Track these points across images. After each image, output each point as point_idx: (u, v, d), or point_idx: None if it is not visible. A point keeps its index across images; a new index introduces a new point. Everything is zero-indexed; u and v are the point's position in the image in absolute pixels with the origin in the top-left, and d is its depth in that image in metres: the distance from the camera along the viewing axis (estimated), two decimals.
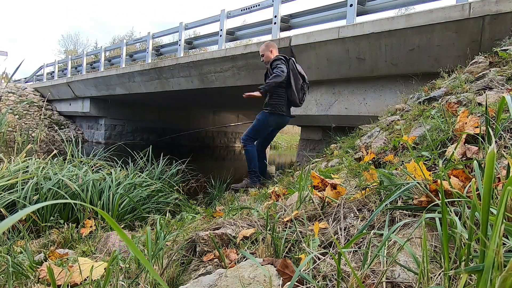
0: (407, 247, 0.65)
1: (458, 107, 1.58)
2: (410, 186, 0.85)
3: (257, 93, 3.35)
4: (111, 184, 2.53)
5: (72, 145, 3.49)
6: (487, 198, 0.46)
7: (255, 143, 3.61)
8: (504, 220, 0.46)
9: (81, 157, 3.39)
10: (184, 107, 15.24)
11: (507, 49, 2.38)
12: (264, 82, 3.51)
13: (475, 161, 0.71)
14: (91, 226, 2.04)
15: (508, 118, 1.16)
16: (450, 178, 0.85)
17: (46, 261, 1.40)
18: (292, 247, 0.97)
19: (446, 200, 0.61)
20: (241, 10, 7.72)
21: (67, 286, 1.07)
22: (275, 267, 0.79)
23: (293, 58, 3.72)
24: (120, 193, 2.41)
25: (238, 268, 0.81)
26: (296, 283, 0.71)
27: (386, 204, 0.90)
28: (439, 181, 0.83)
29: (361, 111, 5.22)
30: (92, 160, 3.32)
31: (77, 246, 1.77)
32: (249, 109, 13.71)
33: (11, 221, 0.26)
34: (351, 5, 5.36)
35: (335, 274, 0.74)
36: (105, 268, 1.11)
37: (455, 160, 1.06)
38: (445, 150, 1.22)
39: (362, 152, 2.02)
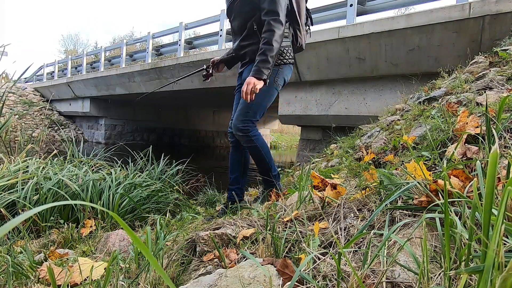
0: (407, 247, 0.65)
1: (458, 107, 1.58)
2: (410, 186, 0.85)
3: (259, 84, 1.83)
4: (111, 184, 2.52)
5: (73, 145, 3.49)
6: (490, 198, 0.45)
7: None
8: (504, 220, 0.46)
9: (81, 157, 3.39)
10: (184, 107, 15.25)
11: (507, 49, 2.38)
12: (237, 12, 2.04)
13: (478, 162, 0.71)
14: (91, 226, 2.04)
15: (509, 118, 1.16)
16: (450, 178, 0.85)
17: (46, 261, 1.40)
18: (292, 247, 0.97)
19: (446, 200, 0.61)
20: None
21: (67, 286, 1.07)
22: (275, 267, 0.79)
23: None
24: (120, 193, 2.41)
25: (238, 268, 0.81)
26: (296, 283, 0.71)
27: (386, 204, 0.90)
28: (439, 181, 0.83)
29: (361, 111, 5.22)
30: (92, 160, 3.32)
31: (77, 246, 1.77)
32: None
33: (13, 224, 0.26)
34: (351, 5, 5.36)
35: (335, 274, 0.74)
36: (105, 268, 1.11)
37: (455, 160, 1.06)
38: (445, 150, 1.22)
39: (362, 152, 2.02)
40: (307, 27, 2.24)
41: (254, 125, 1.99)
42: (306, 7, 2.18)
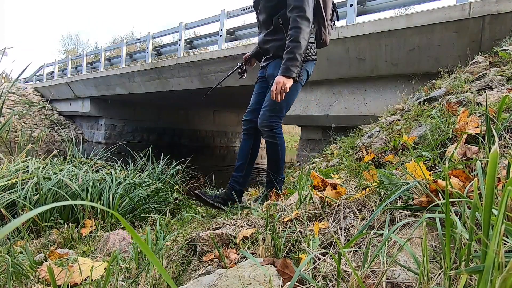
0: (407, 247, 0.65)
1: (458, 107, 1.58)
2: (410, 186, 0.85)
3: (289, 82, 1.81)
4: (111, 184, 2.52)
5: (73, 145, 3.49)
6: (490, 198, 0.45)
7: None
8: (504, 220, 0.46)
9: (81, 157, 3.39)
10: (184, 107, 15.26)
11: (507, 49, 2.38)
12: (263, 9, 2.00)
13: (478, 162, 0.71)
14: (91, 226, 2.04)
15: (509, 118, 1.16)
16: (450, 178, 0.85)
17: (46, 261, 1.40)
18: (292, 247, 0.97)
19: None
20: (241, 10, 7.72)
21: (67, 286, 1.07)
22: (275, 267, 0.79)
23: None
24: (120, 193, 2.41)
25: (238, 268, 0.81)
26: (296, 283, 0.71)
27: (386, 204, 0.90)
28: (439, 181, 0.83)
29: (361, 111, 5.22)
30: (92, 160, 3.32)
31: (77, 246, 1.77)
32: None
33: (14, 225, 0.26)
34: (351, 5, 5.36)
35: (335, 274, 0.74)
36: (105, 268, 1.11)
37: (455, 160, 1.06)
38: (445, 150, 1.22)
39: (362, 152, 2.02)
40: (332, 22, 2.18)
41: (280, 121, 2.00)
42: (333, 1, 2.13)
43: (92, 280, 1.09)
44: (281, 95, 1.82)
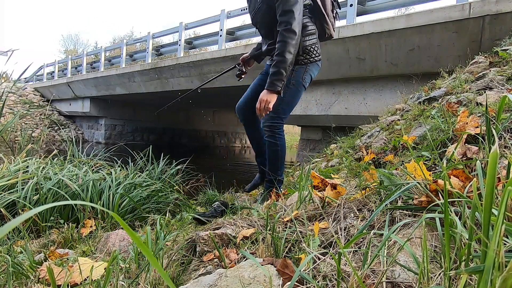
0: (407, 247, 0.65)
1: (458, 107, 1.58)
2: (410, 186, 0.85)
3: (272, 98, 1.87)
4: (111, 184, 2.52)
5: (73, 145, 3.49)
6: (490, 198, 0.45)
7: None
8: (504, 220, 0.46)
9: (81, 157, 3.39)
10: (184, 107, 15.26)
11: (507, 49, 2.38)
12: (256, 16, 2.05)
13: (478, 162, 0.71)
14: (91, 226, 2.04)
15: (509, 118, 1.16)
16: (450, 178, 0.85)
17: (46, 261, 1.40)
18: (292, 247, 0.97)
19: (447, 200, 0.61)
20: (241, 10, 7.72)
21: (67, 286, 1.07)
22: (275, 267, 0.79)
23: None
24: (120, 193, 2.40)
25: (238, 268, 0.81)
26: (296, 283, 0.71)
27: (386, 204, 0.90)
28: (439, 181, 0.83)
29: (361, 111, 5.22)
30: (92, 160, 3.32)
31: (77, 246, 1.76)
32: None
33: (13, 224, 0.26)
34: (351, 5, 5.36)
35: (335, 274, 0.74)
36: (105, 268, 1.11)
37: (455, 160, 1.06)
38: (445, 150, 1.22)
39: (362, 152, 2.02)
40: (335, 12, 2.20)
41: (282, 122, 2.06)
42: None
43: (92, 280, 1.09)
44: (265, 111, 1.90)
